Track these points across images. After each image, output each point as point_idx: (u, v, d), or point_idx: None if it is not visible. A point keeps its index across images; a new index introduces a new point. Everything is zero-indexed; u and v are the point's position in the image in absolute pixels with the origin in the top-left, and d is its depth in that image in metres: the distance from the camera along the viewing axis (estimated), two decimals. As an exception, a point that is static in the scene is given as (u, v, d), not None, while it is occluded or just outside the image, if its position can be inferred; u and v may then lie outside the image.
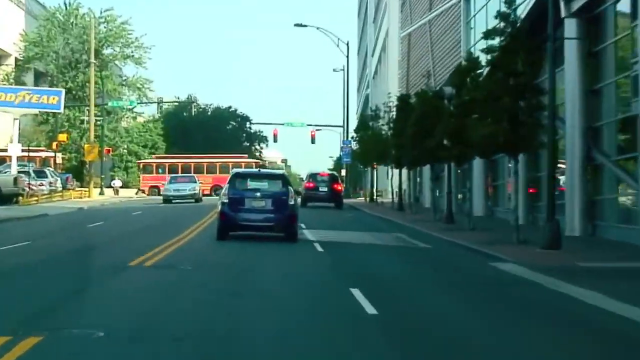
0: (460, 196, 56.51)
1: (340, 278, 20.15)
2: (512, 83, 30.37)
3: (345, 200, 72.18)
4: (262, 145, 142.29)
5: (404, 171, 65.00)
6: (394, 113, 58.13)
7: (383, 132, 66.04)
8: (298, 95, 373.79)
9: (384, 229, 41.07)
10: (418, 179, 72.45)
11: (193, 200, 69.83)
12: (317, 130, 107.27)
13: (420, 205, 64.96)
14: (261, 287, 18.13)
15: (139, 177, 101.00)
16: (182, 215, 47.91)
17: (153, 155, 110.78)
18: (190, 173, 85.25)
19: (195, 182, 74.28)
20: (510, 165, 42.47)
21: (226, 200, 30.43)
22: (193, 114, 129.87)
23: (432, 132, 42.71)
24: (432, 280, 20.82)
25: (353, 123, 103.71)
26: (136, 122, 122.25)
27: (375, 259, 25.78)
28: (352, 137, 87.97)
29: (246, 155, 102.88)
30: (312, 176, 68.02)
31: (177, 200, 69.62)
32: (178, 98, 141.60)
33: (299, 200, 37.30)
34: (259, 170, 35.85)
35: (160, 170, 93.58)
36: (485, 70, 34.38)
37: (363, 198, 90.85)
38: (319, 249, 28.57)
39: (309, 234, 34.72)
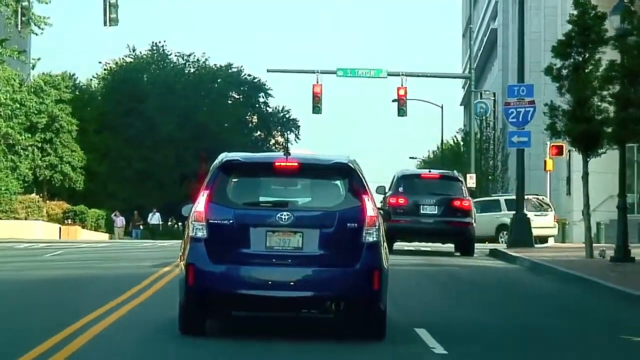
0: None
1: None
2: None
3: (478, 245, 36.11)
4: (287, 134, 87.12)
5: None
6: None
7: None
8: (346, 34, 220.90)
9: None
10: None
11: None
12: (403, 92, 54.37)
13: None
14: None
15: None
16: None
17: None
18: None
19: None
20: None
21: (203, 235, 13.29)
22: (152, 69, 75.82)
23: None
24: None
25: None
26: (8, 74, 62.86)
27: None
28: (552, 71, 30.29)
29: None
30: (405, 180, 33.92)
31: None
32: (132, 51, 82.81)
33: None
34: (286, 154, 13.93)
35: None
36: None
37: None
38: None
39: None
